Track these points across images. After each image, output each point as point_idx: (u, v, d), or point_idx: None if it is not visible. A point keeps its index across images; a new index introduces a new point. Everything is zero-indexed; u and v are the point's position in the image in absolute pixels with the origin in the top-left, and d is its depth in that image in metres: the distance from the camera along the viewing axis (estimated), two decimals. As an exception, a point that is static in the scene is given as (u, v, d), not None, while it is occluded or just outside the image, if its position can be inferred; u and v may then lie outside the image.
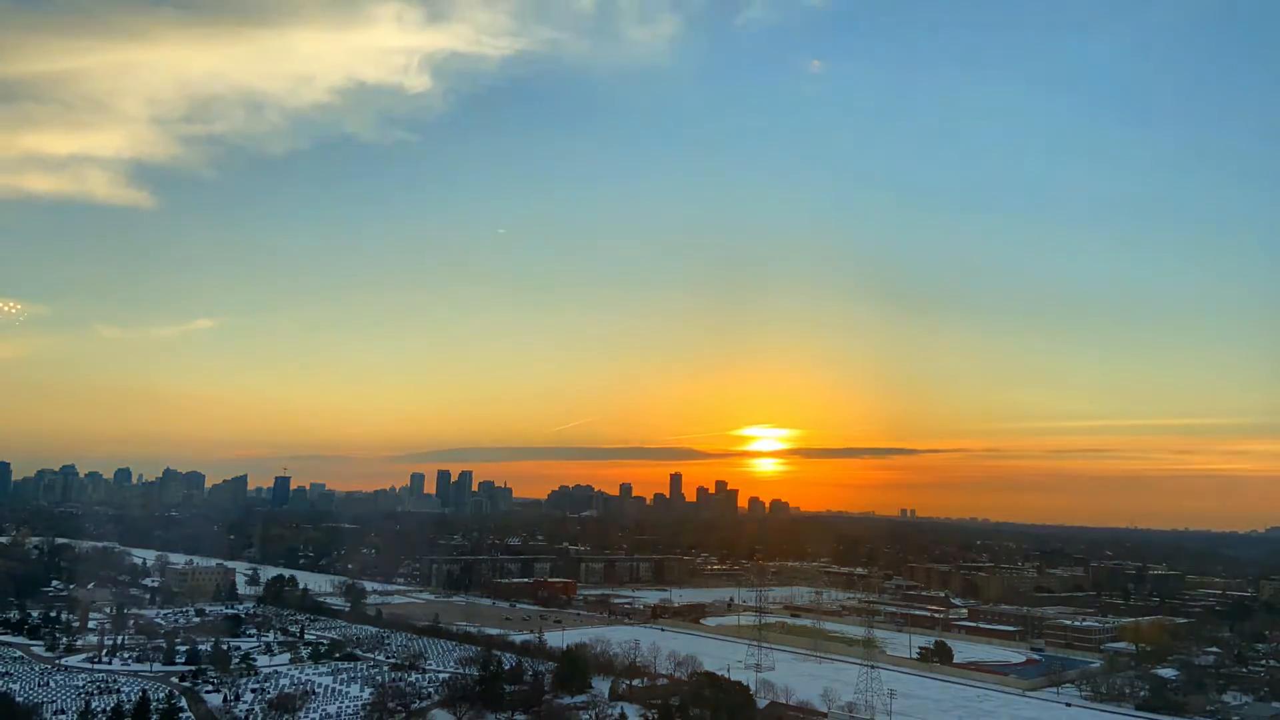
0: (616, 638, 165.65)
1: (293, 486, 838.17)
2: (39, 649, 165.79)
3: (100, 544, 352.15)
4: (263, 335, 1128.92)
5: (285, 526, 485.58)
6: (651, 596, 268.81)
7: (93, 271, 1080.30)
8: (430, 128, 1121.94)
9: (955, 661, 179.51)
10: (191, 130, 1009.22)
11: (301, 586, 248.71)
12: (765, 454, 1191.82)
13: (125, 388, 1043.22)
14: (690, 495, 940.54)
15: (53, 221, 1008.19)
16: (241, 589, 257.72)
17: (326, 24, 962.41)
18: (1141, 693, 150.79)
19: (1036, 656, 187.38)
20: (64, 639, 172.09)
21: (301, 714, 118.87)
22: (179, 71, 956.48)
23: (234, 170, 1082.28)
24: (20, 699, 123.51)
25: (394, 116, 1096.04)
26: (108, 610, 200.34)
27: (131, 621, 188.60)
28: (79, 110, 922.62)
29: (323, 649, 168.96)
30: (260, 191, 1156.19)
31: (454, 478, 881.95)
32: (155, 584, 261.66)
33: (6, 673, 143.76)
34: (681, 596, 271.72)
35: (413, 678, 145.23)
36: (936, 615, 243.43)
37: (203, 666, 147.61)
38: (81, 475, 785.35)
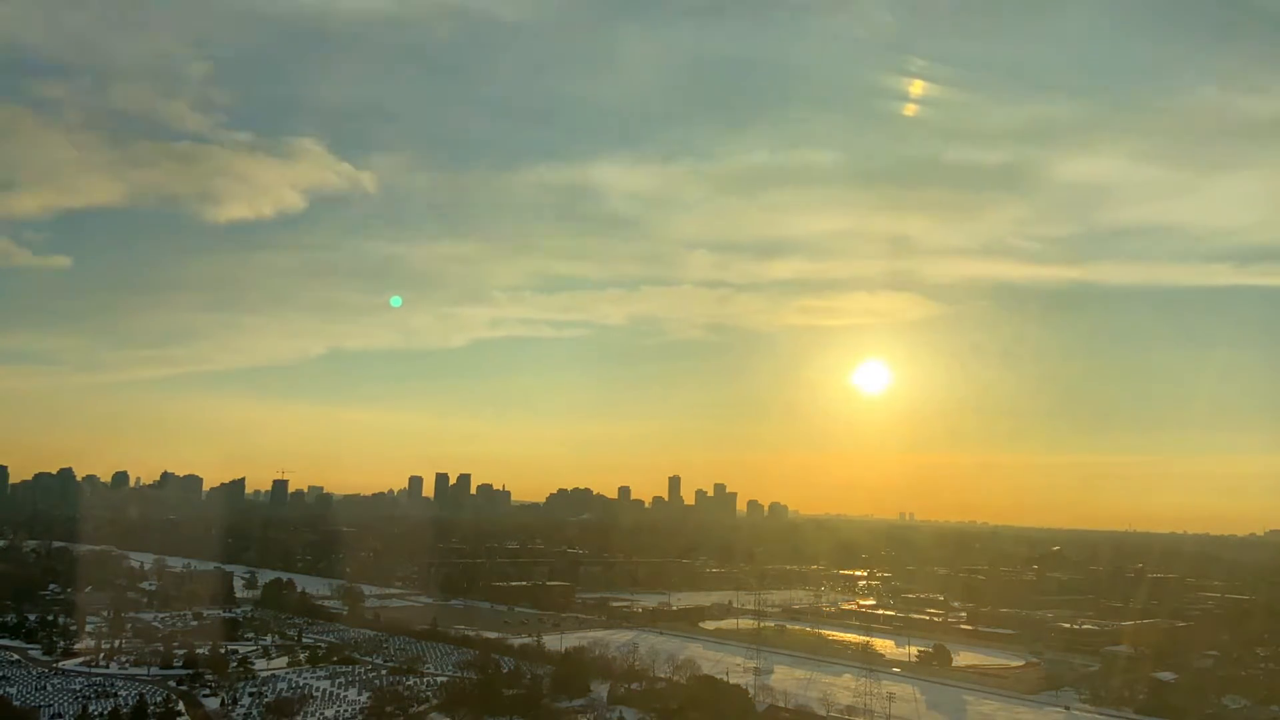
0: (615, 641, 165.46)
1: (290, 489, 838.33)
2: (36, 652, 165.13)
3: (98, 547, 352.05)
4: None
5: (283, 530, 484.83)
6: (650, 600, 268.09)
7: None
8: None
9: (954, 665, 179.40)
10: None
11: (299, 590, 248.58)
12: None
13: (125, 392, 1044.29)
14: (689, 498, 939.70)
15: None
16: (239, 592, 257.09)
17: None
18: (1140, 696, 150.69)
19: (1036, 660, 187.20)
20: (61, 642, 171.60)
21: (299, 718, 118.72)
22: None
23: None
24: (18, 702, 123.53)
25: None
26: (105, 614, 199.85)
27: (129, 625, 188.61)
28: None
29: (320, 652, 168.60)
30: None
31: (452, 480, 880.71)
32: (153, 587, 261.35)
33: (4, 676, 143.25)
34: (680, 600, 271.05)
35: (411, 681, 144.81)
36: (935, 619, 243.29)
37: (200, 670, 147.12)
38: (79, 478, 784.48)
